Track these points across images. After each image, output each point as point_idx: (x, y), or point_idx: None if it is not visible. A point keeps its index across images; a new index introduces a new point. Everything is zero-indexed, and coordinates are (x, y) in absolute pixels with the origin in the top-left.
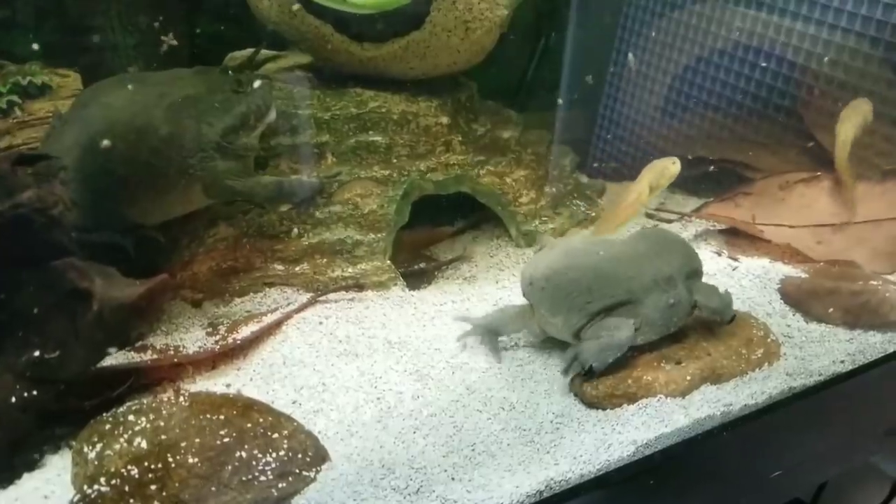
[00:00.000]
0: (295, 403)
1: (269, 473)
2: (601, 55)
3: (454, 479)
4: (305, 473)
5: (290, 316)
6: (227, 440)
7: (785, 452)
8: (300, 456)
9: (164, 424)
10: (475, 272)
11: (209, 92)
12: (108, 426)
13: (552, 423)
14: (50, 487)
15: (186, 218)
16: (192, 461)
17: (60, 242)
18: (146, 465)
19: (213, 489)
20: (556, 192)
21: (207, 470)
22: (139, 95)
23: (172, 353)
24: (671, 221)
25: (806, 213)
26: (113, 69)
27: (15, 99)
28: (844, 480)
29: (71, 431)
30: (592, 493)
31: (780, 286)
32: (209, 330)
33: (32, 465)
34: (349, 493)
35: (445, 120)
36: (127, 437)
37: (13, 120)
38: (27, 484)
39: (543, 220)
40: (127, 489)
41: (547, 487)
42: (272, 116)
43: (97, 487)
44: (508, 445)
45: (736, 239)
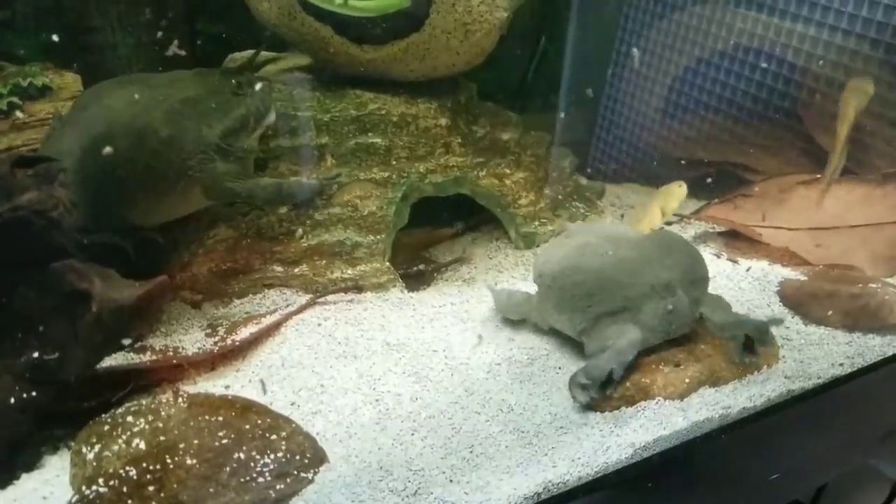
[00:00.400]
0: (293, 405)
1: (267, 475)
2: (601, 57)
3: (452, 481)
4: (303, 475)
5: (288, 317)
6: (225, 441)
7: (783, 456)
8: (298, 457)
9: (162, 426)
10: (474, 274)
11: (209, 94)
12: (106, 427)
13: (550, 425)
14: (48, 488)
15: (186, 219)
16: (190, 462)
17: (60, 244)
18: (144, 466)
19: (211, 490)
20: (555, 193)
21: (206, 471)
22: (139, 97)
23: (171, 354)
24: (671, 223)
25: (806, 215)
26: (114, 71)
27: (15, 101)
28: (844, 482)
29: (70, 432)
30: (590, 495)
31: (779, 288)
32: (208, 331)
33: (31, 465)
34: (347, 494)
35: (445, 122)
36: (125, 438)
37: (14, 121)
38: (26, 485)
39: (543, 221)
40: (125, 490)
41: (545, 490)
42: (272, 118)
43: (95, 488)
44: (507, 447)
45: (736, 241)
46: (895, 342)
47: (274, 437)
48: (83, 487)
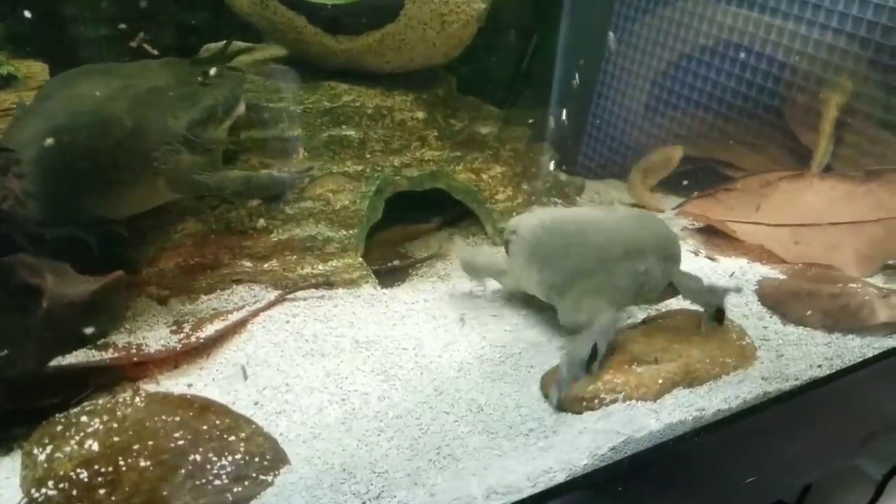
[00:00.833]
0: (257, 404)
1: (224, 477)
2: (588, 54)
3: (416, 483)
4: (263, 477)
5: (256, 314)
6: (181, 443)
7: (760, 459)
8: (258, 459)
9: (117, 426)
10: (450, 270)
11: (176, 84)
12: (59, 428)
13: (521, 426)
14: None
15: (153, 212)
16: (144, 464)
17: (11, 238)
18: (97, 468)
19: (164, 493)
20: (533, 189)
21: (160, 473)
22: (103, 87)
23: (134, 352)
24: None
25: (787, 211)
26: (85, 60)
27: None
28: (828, 482)
29: (26, 432)
30: (559, 499)
31: (757, 287)
32: (174, 328)
33: None
34: (308, 497)
35: (421, 115)
36: (78, 439)
37: None
38: None
39: None
40: (75, 493)
41: (511, 493)
42: (241, 109)
43: (44, 491)
44: (475, 449)
45: (715, 238)
46: (875, 343)
47: (233, 438)
48: (32, 490)
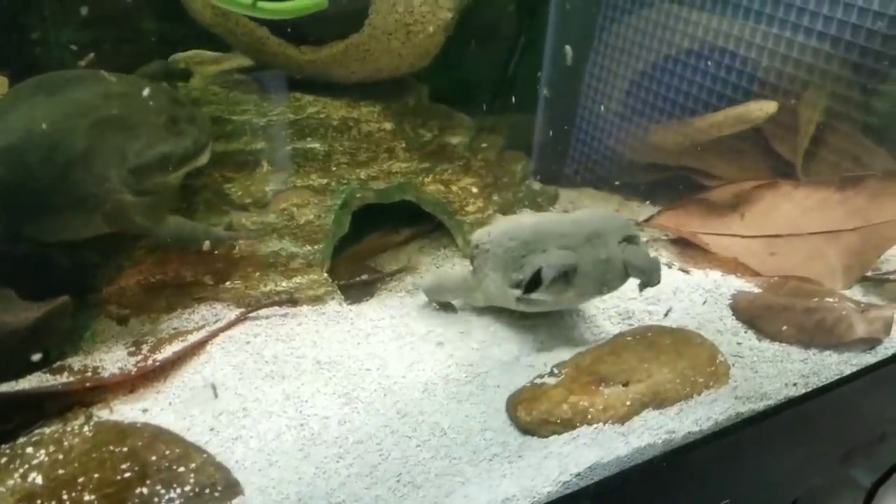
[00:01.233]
0: (213, 430)
1: None
2: (561, 62)
3: None
4: None
5: (216, 334)
6: (128, 475)
7: (734, 481)
8: (208, 490)
9: (62, 458)
10: (420, 283)
11: (135, 115)
12: (4, 460)
13: (485, 451)
14: None
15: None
16: (87, 498)
17: None
18: (39, 503)
19: None
20: (504, 199)
21: None
22: (54, 110)
23: (89, 375)
24: None
25: (761, 221)
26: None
27: None
28: (817, 492)
29: None
30: None
31: (731, 301)
32: (132, 349)
33: None
34: None
35: (389, 126)
36: (22, 472)
37: None
38: None
39: None
40: None
41: None
42: (203, 160)
43: None
44: (436, 476)
45: (688, 250)
46: (853, 360)
47: (182, 469)
48: None
